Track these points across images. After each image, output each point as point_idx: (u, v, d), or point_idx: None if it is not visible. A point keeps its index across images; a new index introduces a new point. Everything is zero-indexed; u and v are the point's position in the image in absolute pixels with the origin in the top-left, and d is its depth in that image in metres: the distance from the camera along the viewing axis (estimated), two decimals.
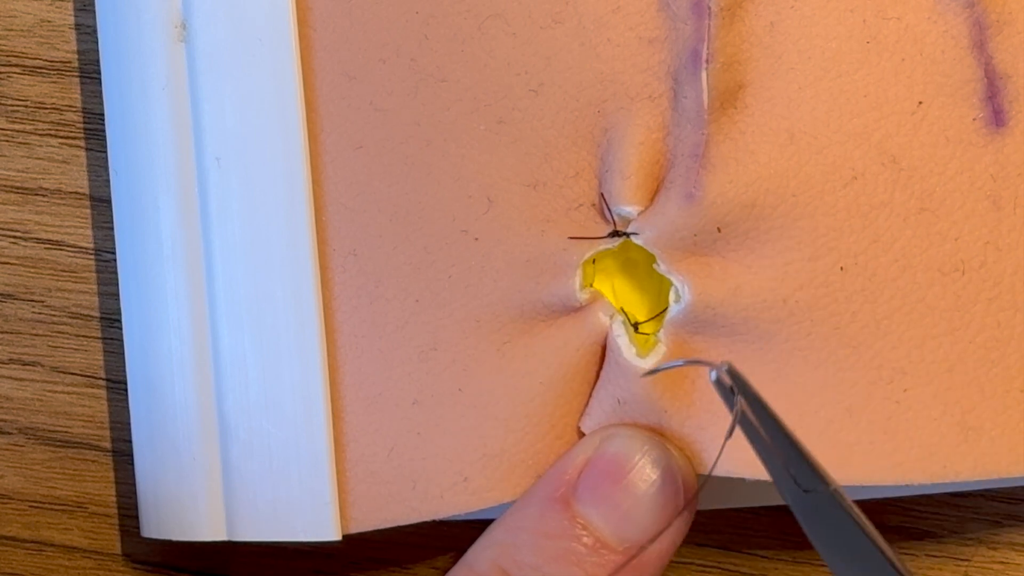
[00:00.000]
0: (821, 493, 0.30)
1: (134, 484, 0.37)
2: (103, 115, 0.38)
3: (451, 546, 0.39)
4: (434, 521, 0.36)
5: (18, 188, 0.39)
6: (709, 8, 0.34)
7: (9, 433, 0.39)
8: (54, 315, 0.39)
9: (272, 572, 0.39)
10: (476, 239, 0.36)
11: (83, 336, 0.39)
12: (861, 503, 0.38)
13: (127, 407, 0.38)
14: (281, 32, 0.36)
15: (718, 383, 0.30)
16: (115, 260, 0.38)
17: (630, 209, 0.35)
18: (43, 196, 0.39)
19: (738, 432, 0.36)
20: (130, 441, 0.37)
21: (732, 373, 0.30)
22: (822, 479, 0.30)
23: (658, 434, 0.35)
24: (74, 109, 0.39)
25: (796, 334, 0.34)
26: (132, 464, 0.37)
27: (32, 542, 0.40)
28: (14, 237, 0.39)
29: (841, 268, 0.35)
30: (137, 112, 0.37)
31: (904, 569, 0.30)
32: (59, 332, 0.39)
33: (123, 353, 0.37)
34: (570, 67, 0.35)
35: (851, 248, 0.35)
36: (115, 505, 0.39)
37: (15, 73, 0.39)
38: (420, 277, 0.36)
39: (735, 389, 0.30)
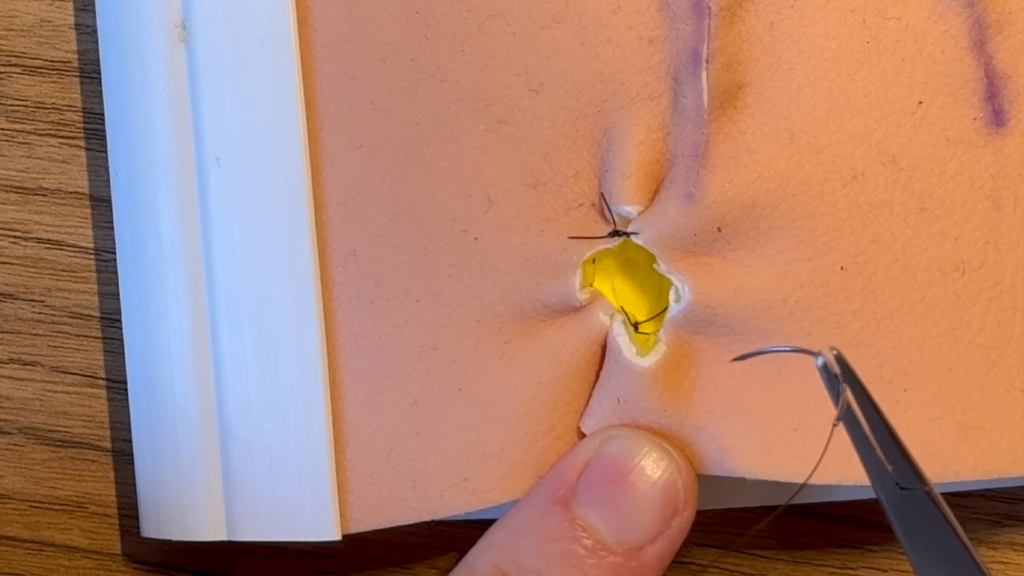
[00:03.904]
0: (916, 492, 0.29)
1: (134, 484, 0.37)
2: (103, 115, 0.38)
3: (451, 546, 0.39)
4: (434, 521, 0.36)
5: (18, 188, 0.39)
6: (709, 8, 0.34)
7: (9, 433, 0.39)
8: (54, 315, 0.39)
9: (272, 572, 0.39)
10: (476, 239, 0.36)
11: (83, 336, 0.39)
12: (863, 503, 0.38)
13: (127, 407, 0.38)
14: (281, 32, 0.36)
15: (824, 369, 0.29)
16: (115, 260, 0.38)
17: (630, 209, 0.35)
18: (43, 196, 0.39)
19: (738, 433, 0.36)
20: (130, 441, 0.37)
21: (840, 360, 0.29)
22: (919, 477, 0.29)
23: (658, 434, 0.35)
24: (74, 109, 0.39)
25: (796, 334, 0.34)
26: (132, 464, 0.37)
27: (32, 542, 0.40)
28: (14, 237, 0.39)
29: (841, 268, 0.35)
30: (137, 112, 0.37)
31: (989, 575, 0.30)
32: (59, 332, 0.39)
33: (123, 353, 0.37)
34: (570, 67, 0.35)
35: (851, 248, 0.35)
36: (115, 505, 0.39)
37: (15, 73, 0.39)
38: (420, 277, 0.36)
39: (840, 377, 0.29)
